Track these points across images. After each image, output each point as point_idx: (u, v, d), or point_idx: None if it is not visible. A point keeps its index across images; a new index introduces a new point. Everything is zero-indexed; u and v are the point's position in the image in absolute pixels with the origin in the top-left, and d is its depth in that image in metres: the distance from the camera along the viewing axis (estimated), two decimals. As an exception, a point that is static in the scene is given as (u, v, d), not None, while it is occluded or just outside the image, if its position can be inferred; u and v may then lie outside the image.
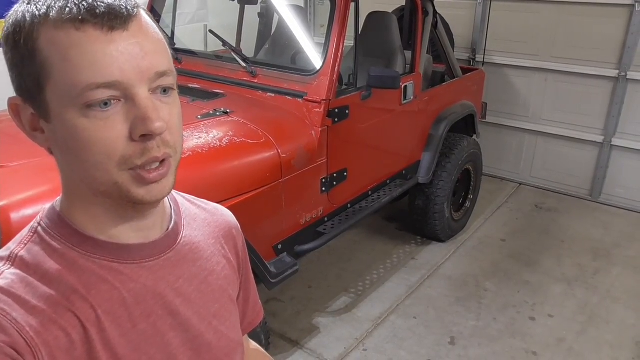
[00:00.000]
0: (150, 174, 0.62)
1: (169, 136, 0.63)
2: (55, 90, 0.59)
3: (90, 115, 0.58)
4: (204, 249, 0.78)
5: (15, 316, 0.58)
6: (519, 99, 4.34)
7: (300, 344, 2.63)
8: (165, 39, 0.67)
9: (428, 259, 3.38)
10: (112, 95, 0.58)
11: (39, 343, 0.59)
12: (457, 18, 4.22)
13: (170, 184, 0.66)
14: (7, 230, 1.51)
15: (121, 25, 0.58)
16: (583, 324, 2.80)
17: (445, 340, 2.68)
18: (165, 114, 0.62)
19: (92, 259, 0.65)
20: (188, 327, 0.72)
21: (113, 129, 0.59)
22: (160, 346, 0.69)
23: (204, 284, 0.75)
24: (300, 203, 2.36)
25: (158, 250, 0.70)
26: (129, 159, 0.60)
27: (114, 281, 0.66)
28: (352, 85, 2.56)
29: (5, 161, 1.74)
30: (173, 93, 0.65)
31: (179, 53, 2.88)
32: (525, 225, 3.81)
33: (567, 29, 3.96)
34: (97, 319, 0.63)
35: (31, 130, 0.64)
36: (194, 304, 0.73)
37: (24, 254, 0.64)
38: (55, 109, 0.60)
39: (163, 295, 0.69)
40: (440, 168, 3.30)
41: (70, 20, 0.57)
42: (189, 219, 0.78)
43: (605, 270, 3.27)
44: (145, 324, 0.67)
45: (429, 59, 3.36)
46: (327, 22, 2.47)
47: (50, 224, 0.67)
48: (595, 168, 4.12)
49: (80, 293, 0.63)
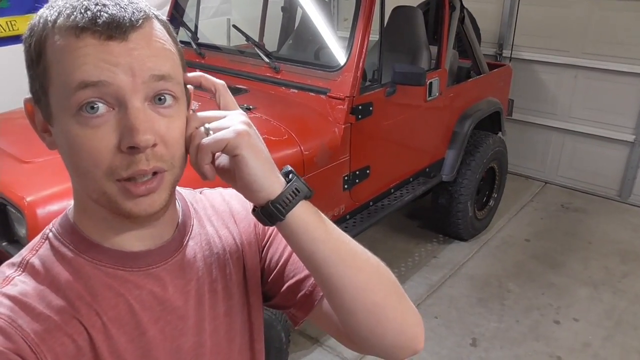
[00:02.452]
0: (137, 188, 0.59)
1: (164, 149, 0.60)
2: (54, 94, 0.59)
3: (81, 122, 0.57)
4: (215, 242, 0.76)
5: (21, 323, 0.59)
6: (547, 96, 4.23)
7: (320, 341, 2.62)
8: (182, 49, 0.65)
9: (450, 258, 3.34)
10: (103, 100, 0.57)
11: (45, 350, 0.59)
12: (484, 12, 4.13)
13: (163, 199, 0.62)
14: (33, 225, 1.53)
15: (120, 35, 0.57)
16: (609, 329, 2.73)
17: (466, 341, 2.64)
18: (162, 127, 0.60)
19: (98, 266, 0.65)
20: (199, 330, 0.71)
21: (102, 138, 0.57)
22: (170, 352, 0.68)
23: (215, 282, 0.74)
24: (322, 200, 2.34)
25: (165, 256, 0.69)
26: (115, 170, 0.58)
27: (120, 288, 0.65)
28: (377, 82, 2.52)
29: (32, 157, 1.76)
30: (176, 105, 0.62)
31: (202, 48, 2.88)
32: (551, 225, 3.73)
33: (599, 24, 3.84)
34: (102, 325, 0.63)
35: (42, 131, 0.65)
36: (205, 306, 0.72)
37: (35, 260, 0.65)
38: (55, 113, 0.60)
39: (171, 302, 0.68)
40: (464, 166, 3.24)
41: (72, 27, 0.57)
42: (197, 215, 0.77)
43: (633, 274, 3.18)
44: (154, 331, 0.67)
45: (455, 54, 3.30)
46: (350, 15, 2.43)
47: (61, 230, 0.67)
48: (625, 168, 4.00)
49: (85, 300, 0.63)
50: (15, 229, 1.66)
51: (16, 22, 3.06)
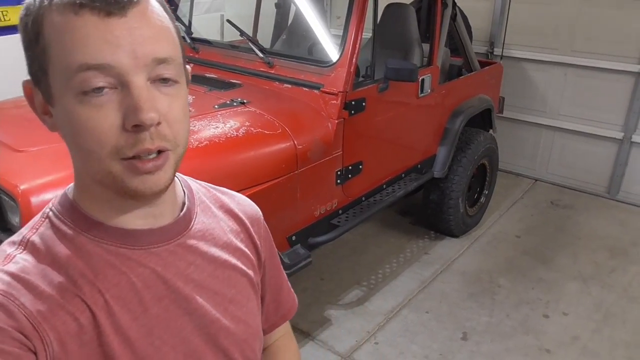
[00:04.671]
0: (144, 164, 0.60)
1: (167, 129, 0.61)
2: (54, 74, 0.59)
3: (84, 102, 0.57)
4: (219, 235, 0.77)
5: (24, 301, 0.59)
6: (537, 94, 4.28)
7: (311, 335, 2.64)
8: (179, 29, 0.65)
9: (441, 253, 3.36)
10: (105, 81, 0.57)
11: (47, 328, 0.59)
12: (475, 10, 4.16)
13: (167, 177, 0.63)
14: (27, 214, 1.54)
15: (119, 11, 0.57)
16: (598, 322, 2.77)
17: (457, 335, 2.67)
18: (164, 105, 0.60)
19: (100, 244, 0.65)
20: (203, 313, 0.71)
21: (106, 118, 0.58)
22: (173, 330, 0.68)
23: (218, 269, 0.75)
24: (314, 195, 2.36)
25: (167, 236, 0.70)
26: (120, 149, 0.59)
27: (121, 266, 0.65)
28: (369, 78, 2.54)
29: (25, 146, 1.77)
30: (177, 84, 0.63)
31: (196, 43, 2.88)
32: (541, 221, 3.77)
33: (588, 22, 3.88)
34: (105, 303, 0.63)
35: (42, 113, 0.65)
36: (208, 290, 0.73)
37: (35, 238, 0.65)
38: (56, 93, 0.60)
39: (174, 281, 0.69)
40: (455, 162, 3.27)
41: (70, 4, 0.57)
42: (203, 205, 0.78)
43: (621, 269, 3.23)
44: (157, 308, 0.67)
45: (447, 51, 3.32)
46: (343, 13, 2.45)
47: (61, 209, 0.67)
48: (614, 165, 4.05)
49: (88, 278, 0.63)
50: (9, 217, 1.66)
51: (7, 13, 3.04)
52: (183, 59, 0.66)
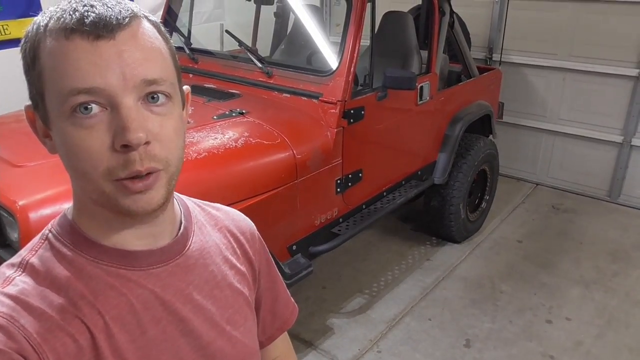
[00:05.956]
0: (134, 184, 0.60)
1: (158, 149, 0.61)
2: (50, 98, 0.60)
3: (76, 123, 0.58)
4: (215, 253, 0.77)
5: (23, 323, 0.59)
6: (537, 99, 4.28)
7: (314, 344, 2.63)
8: (174, 48, 0.66)
9: (443, 260, 3.36)
10: (93, 99, 0.58)
11: (47, 349, 0.59)
12: (473, 17, 4.17)
13: (160, 196, 0.63)
14: (25, 229, 1.54)
15: (108, 34, 0.58)
16: (601, 327, 2.76)
17: (460, 342, 2.66)
18: (155, 125, 0.61)
19: (99, 265, 0.65)
20: (199, 334, 0.71)
21: (97, 139, 0.58)
22: (171, 352, 0.68)
23: (216, 289, 0.75)
24: (315, 204, 2.36)
25: (166, 257, 0.70)
26: (113, 171, 0.59)
27: (121, 287, 0.66)
28: (368, 86, 2.54)
29: (24, 161, 1.77)
30: (169, 103, 0.63)
31: (195, 53, 2.89)
32: (542, 226, 3.77)
33: (586, 27, 3.89)
34: (104, 325, 0.63)
35: (43, 137, 0.66)
36: (206, 311, 0.73)
37: (35, 260, 0.65)
38: (52, 117, 0.61)
39: (172, 302, 0.69)
40: (456, 169, 3.27)
41: (62, 29, 0.58)
42: (199, 224, 0.78)
43: (624, 273, 3.22)
44: (155, 330, 0.67)
45: (445, 58, 3.33)
46: (342, 21, 2.46)
47: (60, 230, 0.68)
48: (615, 169, 4.05)
49: (87, 299, 0.63)
50: (8, 233, 1.66)
51: (9, 27, 3.06)
52: (178, 80, 0.66)
